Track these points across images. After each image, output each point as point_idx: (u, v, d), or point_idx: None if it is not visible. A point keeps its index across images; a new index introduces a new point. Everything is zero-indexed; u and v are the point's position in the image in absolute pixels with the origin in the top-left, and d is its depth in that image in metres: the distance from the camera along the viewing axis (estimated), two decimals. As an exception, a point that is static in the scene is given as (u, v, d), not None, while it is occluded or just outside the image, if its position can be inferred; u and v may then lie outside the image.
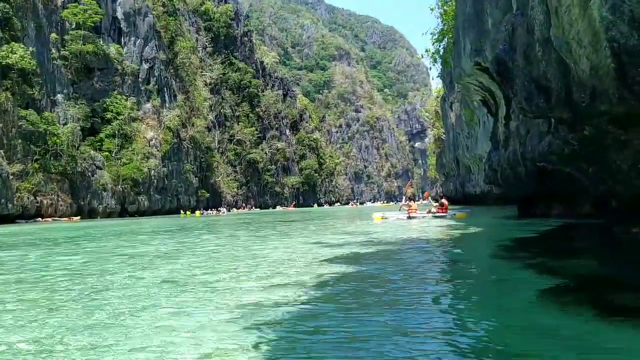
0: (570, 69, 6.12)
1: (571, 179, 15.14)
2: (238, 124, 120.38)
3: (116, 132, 73.18)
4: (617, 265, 8.40)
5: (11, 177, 52.66)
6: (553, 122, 9.32)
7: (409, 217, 25.24)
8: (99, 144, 71.75)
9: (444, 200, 27.28)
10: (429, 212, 26.29)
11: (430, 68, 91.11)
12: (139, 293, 6.96)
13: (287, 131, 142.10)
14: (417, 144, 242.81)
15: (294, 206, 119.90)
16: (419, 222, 23.24)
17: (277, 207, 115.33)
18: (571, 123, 7.64)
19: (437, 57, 47.91)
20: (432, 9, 44.69)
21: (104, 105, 73.44)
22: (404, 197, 30.47)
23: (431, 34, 46.15)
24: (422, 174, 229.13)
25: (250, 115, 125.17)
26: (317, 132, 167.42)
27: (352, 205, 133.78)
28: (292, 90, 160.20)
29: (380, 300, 5.92)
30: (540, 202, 21.54)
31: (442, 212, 26.04)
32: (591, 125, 6.93)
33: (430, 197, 30.01)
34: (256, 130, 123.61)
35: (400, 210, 27.64)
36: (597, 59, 5.21)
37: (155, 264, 10.50)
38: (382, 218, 26.02)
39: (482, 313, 5.26)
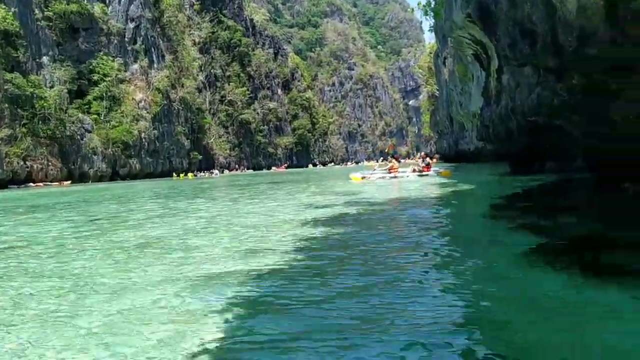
0: (557, 9, 5.67)
1: (562, 133, 14.81)
2: (229, 84, 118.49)
3: (104, 94, 71.85)
4: (606, 221, 8.21)
5: (0, 142, 51.92)
6: (541, 72, 8.90)
7: (392, 177, 24.66)
8: (87, 106, 70.51)
9: (428, 159, 26.86)
10: (414, 170, 25.92)
11: (422, 22, 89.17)
12: (109, 259, 6.78)
13: (279, 91, 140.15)
14: (411, 102, 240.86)
15: (286, 167, 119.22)
16: (400, 182, 22.90)
17: (272, 168, 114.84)
18: (558, 71, 7.23)
19: (428, 9, 46.66)
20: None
21: (91, 67, 71.86)
22: (380, 158, 29.71)
23: (423, -15, 44.81)
24: (416, 132, 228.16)
25: (241, 75, 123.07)
26: (310, 91, 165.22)
27: (343, 166, 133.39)
28: (284, 49, 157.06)
29: (364, 263, 5.76)
30: (533, 157, 21.29)
31: (426, 171, 25.71)
32: (579, 73, 6.53)
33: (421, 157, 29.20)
34: (247, 90, 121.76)
35: (374, 170, 26.91)
36: None
37: (140, 228, 10.35)
38: (362, 178, 25.22)
39: (469, 276, 5.13)
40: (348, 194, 16.91)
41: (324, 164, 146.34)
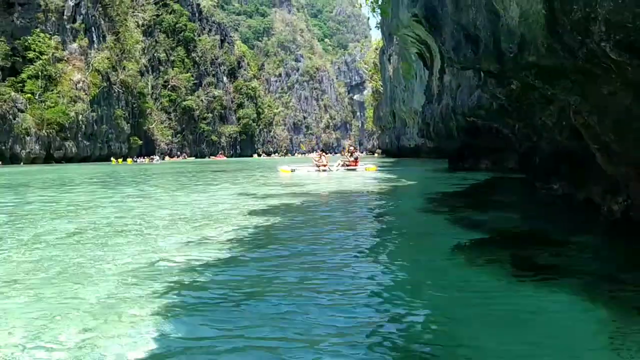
0: (500, 16, 6.03)
1: (499, 134, 15.59)
2: (173, 69, 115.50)
3: (39, 73, 68.28)
4: (535, 220, 8.70)
5: None
6: (482, 76, 9.35)
7: (322, 171, 24.32)
8: (20, 85, 66.77)
9: (356, 153, 26.91)
10: (342, 164, 25.85)
11: (369, 19, 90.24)
12: (37, 248, 6.51)
13: (225, 78, 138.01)
14: (355, 96, 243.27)
15: (225, 156, 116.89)
16: (328, 175, 22.72)
17: (210, 157, 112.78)
18: (499, 76, 7.65)
19: (375, 6, 47.23)
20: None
21: (26, 44, 68.02)
22: (342, 151, 29.48)
23: (371, -19, 45.30)
24: (360, 126, 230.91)
25: (186, 60, 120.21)
26: (256, 80, 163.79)
27: (279, 156, 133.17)
28: (230, 36, 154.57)
29: (299, 256, 5.74)
30: (470, 156, 22.19)
31: (354, 165, 25.76)
32: (518, 79, 6.94)
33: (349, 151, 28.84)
34: (192, 76, 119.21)
35: (338, 164, 26.61)
36: (527, 4, 5.11)
37: (67, 216, 9.94)
38: (291, 171, 24.84)
39: (400, 270, 5.23)
40: (290, 185, 17.01)
41: (268, 154, 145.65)
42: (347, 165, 25.48)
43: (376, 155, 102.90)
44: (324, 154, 27.04)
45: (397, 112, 63.44)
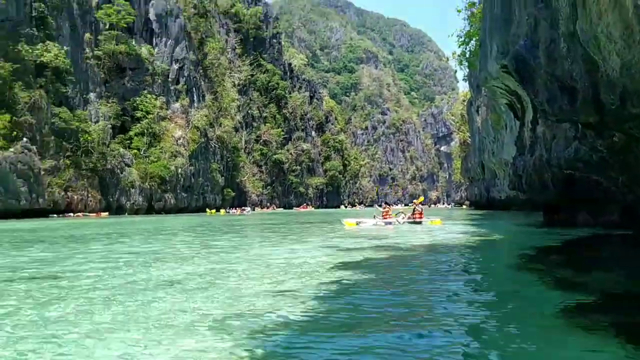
0: (599, 66, 5.88)
1: (599, 186, 14.78)
2: (265, 125, 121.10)
3: (145, 130, 74.44)
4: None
5: (43, 172, 53.96)
6: (580, 127, 8.98)
7: (387, 223, 23.74)
8: (128, 141, 73.18)
9: (419, 207, 25.97)
10: (408, 217, 25.15)
11: (457, 71, 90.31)
12: (138, 295, 6.88)
13: (313, 132, 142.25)
14: (442, 148, 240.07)
15: (310, 207, 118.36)
16: (395, 228, 21.98)
17: (294, 208, 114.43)
18: (599, 128, 7.35)
19: (463, 59, 47.33)
20: (459, 11, 44.22)
21: (135, 104, 74.86)
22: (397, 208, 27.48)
23: (457, 36, 45.67)
24: (447, 177, 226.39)
25: (277, 116, 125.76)
26: (343, 133, 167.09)
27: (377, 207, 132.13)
28: (319, 92, 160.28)
29: (391, 314, 5.59)
30: (566, 209, 21.07)
31: (419, 218, 24.99)
32: (621, 131, 6.66)
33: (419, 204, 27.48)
34: (282, 131, 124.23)
35: (403, 217, 25.65)
36: (629, 55, 4.96)
37: (164, 265, 10.44)
38: (356, 224, 23.93)
39: (500, 337, 4.79)
40: (374, 238, 16.90)
41: (353, 205, 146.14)
42: (414, 218, 24.90)
43: (464, 207, 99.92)
44: (389, 206, 26.56)
45: (487, 163, 61.82)
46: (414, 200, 28.06)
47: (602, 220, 17.87)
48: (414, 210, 25.51)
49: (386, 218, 24.29)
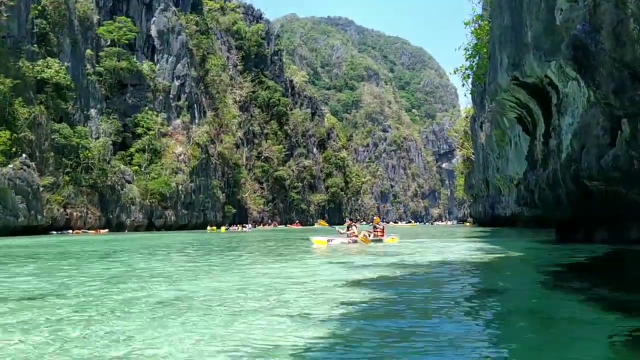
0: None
1: (619, 201, 14.09)
2: (266, 142, 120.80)
3: (146, 147, 74.06)
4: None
5: (42, 189, 53.35)
6: (620, 133, 8.17)
7: (353, 242, 22.45)
8: (129, 158, 72.76)
9: (381, 224, 25.26)
10: (369, 234, 23.81)
11: (463, 84, 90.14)
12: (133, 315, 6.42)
13: (315, 149, 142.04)
14: (444, 165, 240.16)
15: (298, 224, 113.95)
16: (359, 246, 21.10)
17: (287, 225, 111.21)
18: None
19: (469, 72, 46.95)
20: (466, 23, 43.91)
21: (135, 121, 74.58)
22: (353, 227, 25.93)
23: (464, 49, 45.29)
24: (449, 194, 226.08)
25: (279, 133, 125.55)
26: (344, 150, 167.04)
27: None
28: (321, 109, 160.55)
29: (406, 343, 4.91)
30: (581, 225, 20.35)
31: (381, 236, 24.06)
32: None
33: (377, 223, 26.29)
34: (284, 147, 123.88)
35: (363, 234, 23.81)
36: None
37: (162, 284, 9.89)
38: (327, 242, 22.08)
39: None
40: (381, 255, 16.19)
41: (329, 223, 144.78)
42: (375, 236, 24.11)
43: (468, 224, 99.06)
44: (354, 223, 25.67)
45: (491, 179, 61.28)
46: (375, 218, 27.45)
47: (621, 237, 17.13)
48: (374, 228, 24.78)
49: (351, 236, 23.28)
